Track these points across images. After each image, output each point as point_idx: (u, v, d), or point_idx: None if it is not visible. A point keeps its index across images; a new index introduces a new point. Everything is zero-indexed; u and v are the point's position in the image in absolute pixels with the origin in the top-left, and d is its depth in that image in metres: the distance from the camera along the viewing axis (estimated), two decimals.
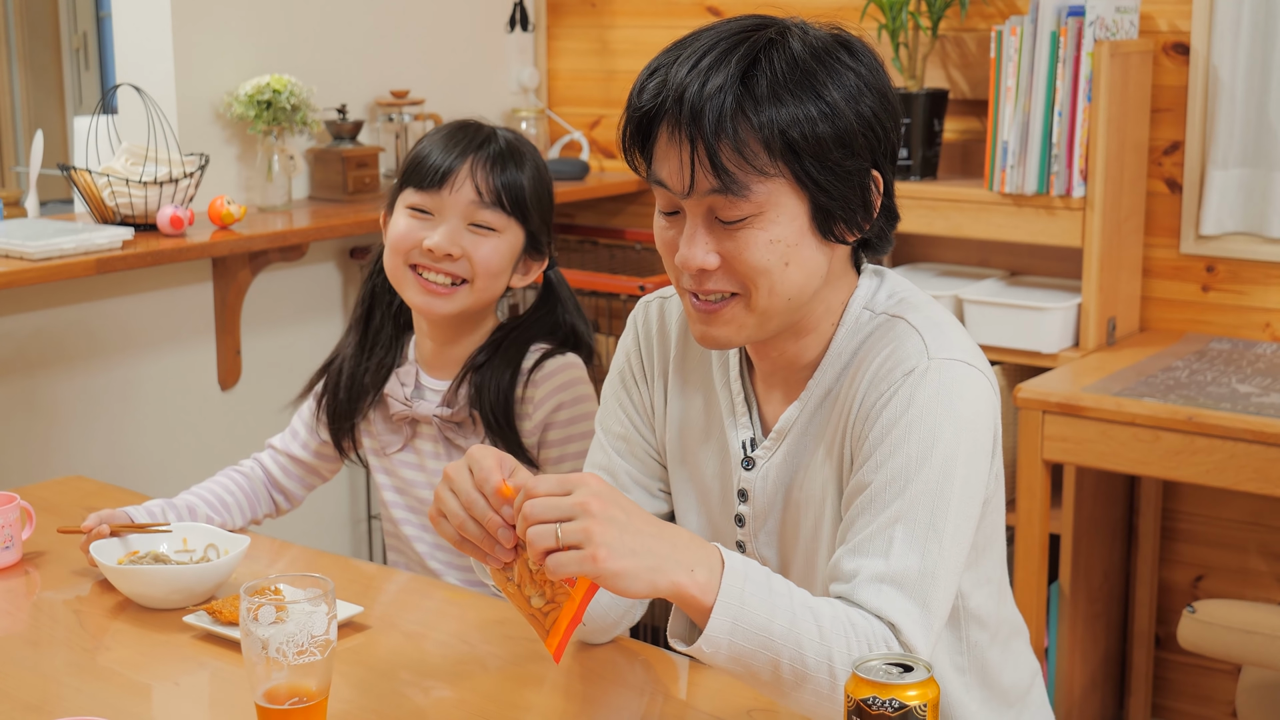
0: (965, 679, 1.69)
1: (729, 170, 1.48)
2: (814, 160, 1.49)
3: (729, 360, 1.70)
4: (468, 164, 2.11)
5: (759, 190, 1.50)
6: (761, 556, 1.68)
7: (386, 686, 1.72)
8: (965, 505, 1.52)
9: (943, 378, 1.53)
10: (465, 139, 2.14)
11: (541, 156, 2.22)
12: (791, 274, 1.54)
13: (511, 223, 2.14)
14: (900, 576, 1.48)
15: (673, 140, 1.51)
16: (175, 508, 2.13)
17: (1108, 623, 3.38)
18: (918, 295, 1.64)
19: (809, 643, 1.42)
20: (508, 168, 2.13)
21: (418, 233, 2.12)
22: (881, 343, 1.58)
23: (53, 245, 2.93)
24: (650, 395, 1.78)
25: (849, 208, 1.54)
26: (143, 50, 3.47)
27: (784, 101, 1.48)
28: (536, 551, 1.38)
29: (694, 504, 1.75)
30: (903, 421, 1.52)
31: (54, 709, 1.65)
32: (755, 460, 1.67)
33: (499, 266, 2.14)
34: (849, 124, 1.50)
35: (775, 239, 1.52)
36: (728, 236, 1.52)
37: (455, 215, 2.12)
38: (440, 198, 2.12)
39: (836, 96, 1.50)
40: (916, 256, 3.70)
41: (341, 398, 2.24)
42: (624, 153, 1.58)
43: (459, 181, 2.11)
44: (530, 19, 4.20)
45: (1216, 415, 2.76)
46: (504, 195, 2.12)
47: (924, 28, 3.44)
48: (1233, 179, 3.26)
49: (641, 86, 1.54)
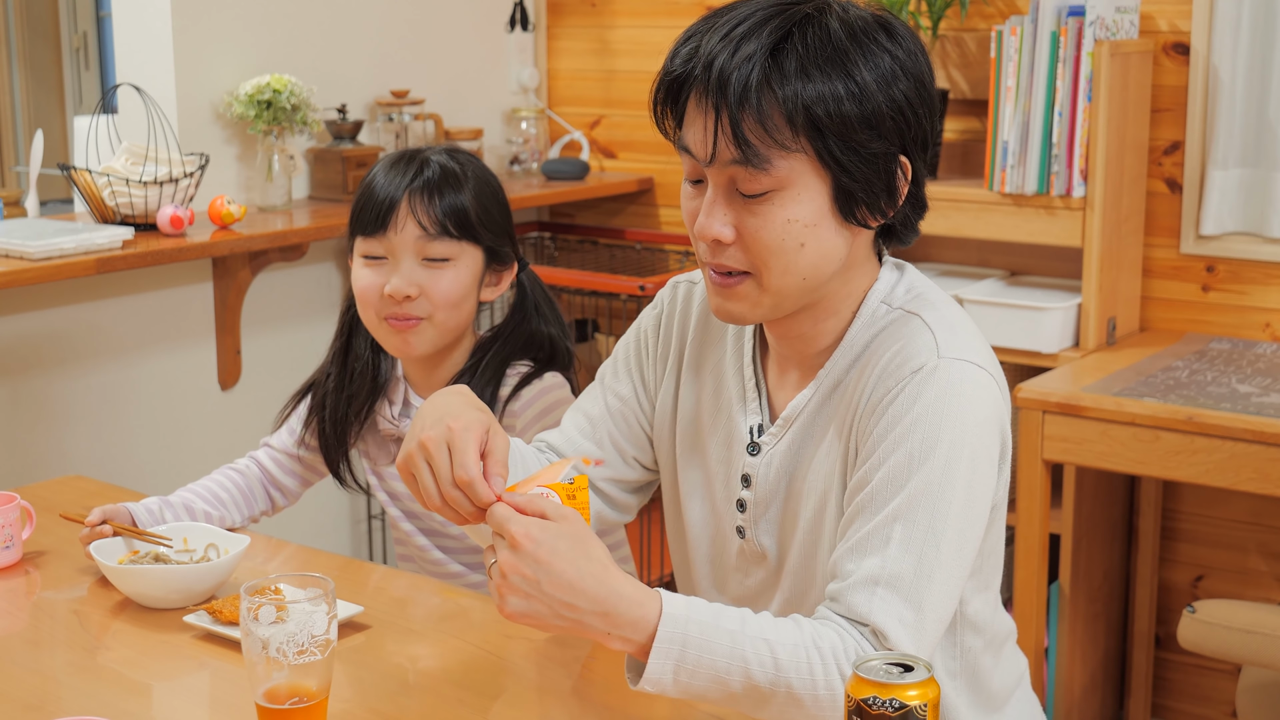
0: (956, 683, 1.68)
1: (750, 142, 1.48)
2: (838, 139, 1.49)
3: (744, 345, 1.70)
4: (405, 200, 2.11)
5: (780, 165, 1.49)
6: (760, 545, 1.68)
7: (386, 686, 1.72)
8: (969, 509, 1.51)
9: (950, 378, 1.52)
10: (398, 174, 2.14)
11: (483, 166, 2.21)
12: (806, 255, 1.53)
13: (464, 247, 2.14)
14: (895, 578, 1.47)
15: (699, 107, 1.51)
16: (172, 505, 2.13)
17: (1108, 623, 3.38)
18: (936, 293, 1.63)
19: (761, 673, 1.44)
20: (445, 193, 2.12)
21: (376, 281, 2.14)
22: (894, 338, 1.57)
23: (53, 245, 2.93)
24: (658, 373, 1.79)
25: (872, 191, 1.52)
26: (143, 50, 3.47)
27: (811, 78, 1.47)
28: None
29: (699, 489, 1.74)
30: (907, 419, 1.51)
31: (54, 709, 1.65)
32: (761, 446, 1.66)
33: (458, 296, 2.14)
34: (878, 106, 1.49)
35: (793, 218, 1.51)
36: (746, 211, 1.52)
37: (406, 254, 2.12)
38: (388, 240, 2.13)
39: (868, 77, 1.49)
40: (917, 256, 3.70)
41: (329, 432, 2.26)
42: (654, 117, 1.58)
43: (400, 220, 2.11)
44: (530, 19, 4.20)
45: (1216, 415, 2.76)
46: (449, 223, 2.12)
47: (924, 28, 3.44)
48: (1233, 179, 3.26)
49: (675, 52, 1.54)
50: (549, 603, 1.40)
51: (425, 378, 2.23)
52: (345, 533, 3.92)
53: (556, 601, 1.40)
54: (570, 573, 1.39)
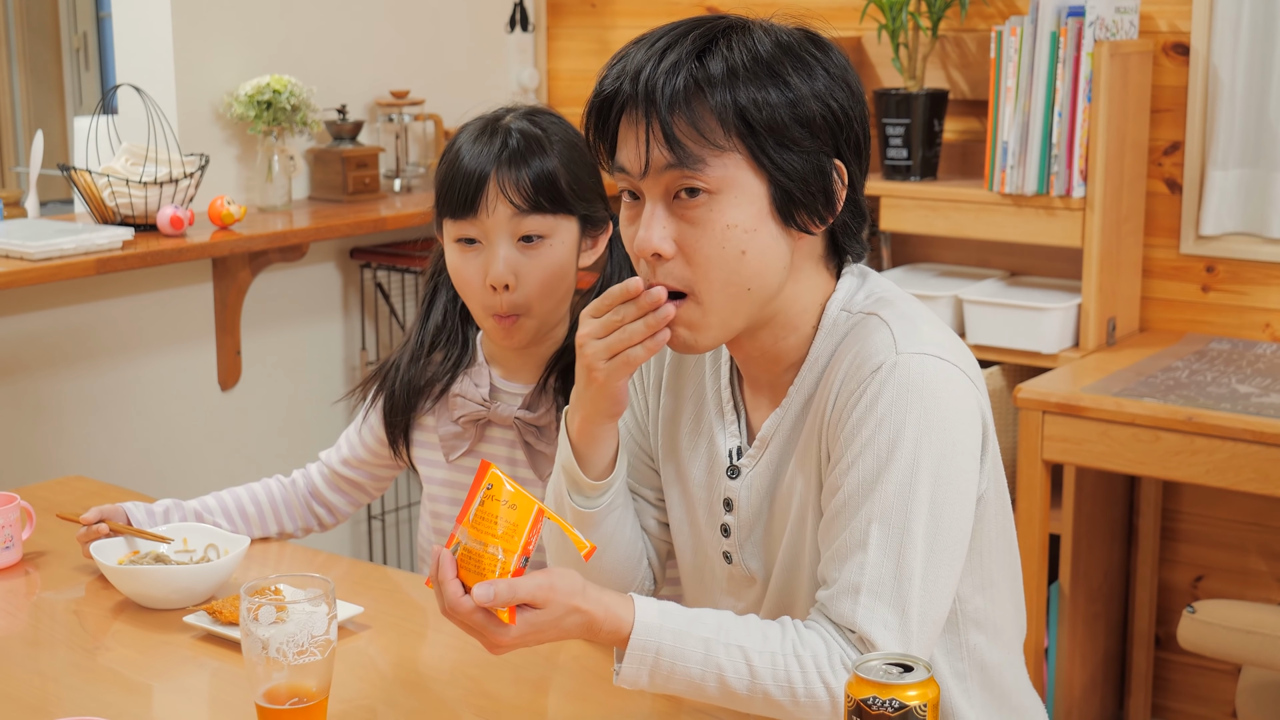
0: (965, 685, 1.66)
1: (683, 143, 1.48)
2: (771, 137, 1.49)
3: (720, 368, 1.69)
4: (493, 179, 1.97)
5: (715, 166, 1.49)
6: (748, 569, 1.67)
7: (386, 686, 1.72)
8: (946, 505, 1.49)
9: (910, 373, 1.50)
10: (481, 146, 2.00)
11: (566, 125, 2.05)
12: (748, 264, 1.51)
13: (559, 221, 2.00)
14: (876, 583, 1.47)
15: (629, 122, 1.52)
16: (182, 508, 2.11)
17: (1108, 623, 3.38)
18: (895, 292, 1.61)
19: (737, 680, 1.48)
20: (531, 162, 1.98)
21: (476, 270, 2.00)
22: (854, 341, 1.56)
23: (53, 245, 2.93)
24: (647, 400, 1.78)
25: (809, 192, 1.51)
26: (143, 50, 3.47)
27: (741, 80, 1.48)
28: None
29: (680, 505, 1.74)
30: (871, 419, 1.50)
31: (54, 709, 1.65)
32: (740, 469, 1.65)
33: (556, 276, 2.02)
34: (809, 108, 1.50)
35: (732, 223, 1.50)
36: (685, 221, 1.50)
37: (501, 236, 1.98)
38: (480, 223, 1.98)
39: (797, 81, 1.50)
40: (917, 257, 3.70)
41: (398, 393, 2.13)
42: (589, 145, 1.58)
43: (491, 201, 1.97)
44: (530, 19, 4.20)
45: (1216, 415, 2.76)
46: (541, 197, 1.98)
47: (924, 28, 3.44)
48: (1232, 179, 3.26)
49: (603, 75, 1.55)
50: (537, 644, 1.51)
51: (516, 357, 2.11)
52: (345, 533, 3.93)
53: (544, 643, 1.52)
54: (552, 635, 1.49)
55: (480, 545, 1.45)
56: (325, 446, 2.30)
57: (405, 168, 3.87)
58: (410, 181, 3.88)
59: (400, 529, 4.03)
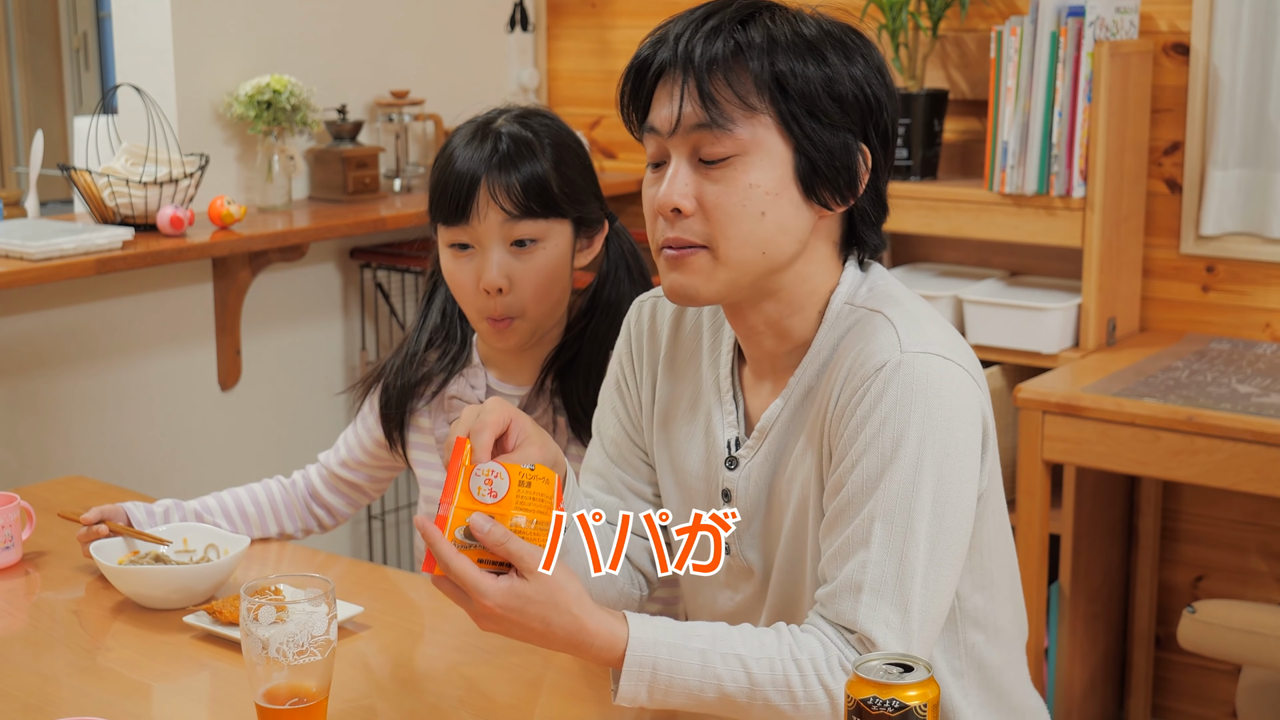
0: (962, 683, 1.67)
1: (717, 101, 1.50)
2: (802, 105, 1.51)
3: (720, 356, 1.69)
4: (484, 185, 1.97)
5: (744, 127, 1.50)
6: (746, 560, 1.67)
7: (386, 686, 1.72)
8: (945, 504, 1.50)
9: (915, 372, 1.50)
10: (472, 150, 2.00)
11: (559, 126, 2.06)
12: (765, 226, 1.52)
13: (551, 225, 2.01)
14: (878, 582, 1.47)
15: (665, 84, 1.54)
16: (182, 508, 2.11)
17: (1108, 623, 3.38)
18: (899, 290, 1.62)
19: (736, 688, 1.47)
20: (521, 166, 1.98)
21: (469, 275, 2.01)
22: (858, 337, 1.56)
23: (53, 245, 2.93)
24: (640, 395, 1.78)
25: (833, 166, 1.53)
26: (143, 50, 3.47)
27: (780, 50, 1.51)
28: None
29: (676, 497, 1.73)
30: (874, 418, 1.50)
31: (54, 709, 1.65)
32: (739, 460, 1.65)
33: (549, 280, 2.03)
34: (844, 86, 1.52)
35: (755, 183, 1.51)
36: (708, 179, 1.52)
37: (493, 241, 1.99)
38: (472, 230, 1.99)
39: (836, 60, 1.52)
40: (917, 256, 3.70)
41: (393, 387, 2.14)
42: (620, 109, 1.59)
43: (482, 208, 1.98)
44: (530, 19, 4.20)
45: (1216, 415, 2.76)
46: (532, 202, 1.98)
47: (924, 28, 3.44)
48: (1233, 179, 3.26)
49: (643, 45, 1.57)
50: (522, 636, 1.48)
51: (511, 360, 2.11)
52: (345, 533, 3.93)
53: (529, 638, 1.48)
54: (538, 628, 1.46)
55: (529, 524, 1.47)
56: (325, 447, 2.31)
57: (405, 168, 3.87)
58: (410, 181, 3.88)
59: (400, 529, 4.03)
